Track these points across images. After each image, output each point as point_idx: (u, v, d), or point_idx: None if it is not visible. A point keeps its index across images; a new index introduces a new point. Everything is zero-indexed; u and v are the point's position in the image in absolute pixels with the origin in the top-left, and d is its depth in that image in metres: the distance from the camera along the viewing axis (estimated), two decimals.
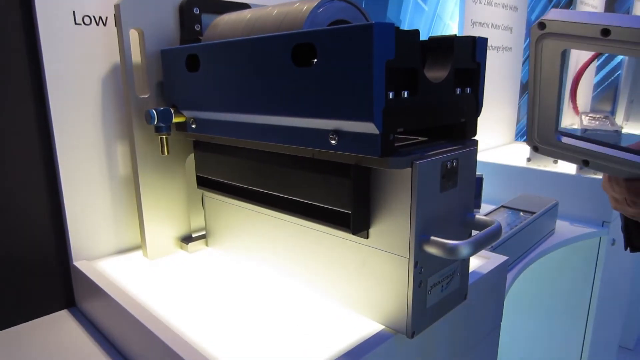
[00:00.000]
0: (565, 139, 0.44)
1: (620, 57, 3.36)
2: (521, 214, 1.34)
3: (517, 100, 2.31)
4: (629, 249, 0.65)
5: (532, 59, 0.44)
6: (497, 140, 2.08)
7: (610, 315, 1.74)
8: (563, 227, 1.42)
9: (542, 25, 0.41)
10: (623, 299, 1.87)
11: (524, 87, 2.41)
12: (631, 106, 2.35)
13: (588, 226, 1.43)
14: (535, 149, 0.46)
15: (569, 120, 2.89)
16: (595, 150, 0.42)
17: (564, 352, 1.63)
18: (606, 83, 3.51)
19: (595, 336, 1.59)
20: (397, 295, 0.52)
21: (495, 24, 1.91)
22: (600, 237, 1.43)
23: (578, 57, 2.89)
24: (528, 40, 2.43)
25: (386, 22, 0.43)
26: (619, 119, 2.40)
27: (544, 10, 2.54)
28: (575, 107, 2.82)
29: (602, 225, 1.43)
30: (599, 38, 0.37)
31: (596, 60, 3.00)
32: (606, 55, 3.25)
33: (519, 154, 1.99)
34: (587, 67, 2.78)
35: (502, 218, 1.30)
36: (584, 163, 0.43)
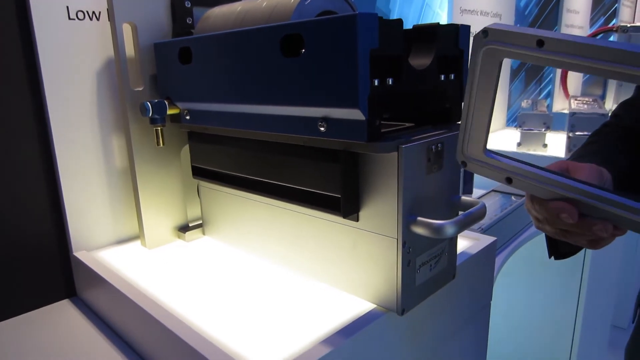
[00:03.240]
0: (492, 157, 0.46)
1: None
2: (512, 197, 1.37)
3: (507, 86, 2.33)
4: (553, 257, 0.65)
5: (472, 70, 0.44)
6: None
7: (602, 294, 1.78)
8: None
9: (485, 33, 0.43)
10: (614, 278, 1.90)
11: (514, 73, 2.43)
12: (620, 90, 2.37)
13: None
14: (463, 164, 0.48)
15: (560, 105, 2.91)
16: (520, 167, 0.45)
17: (557, 332, 1.66)
18: None
19: (587, 315, 1.63)
20: (387, 275, 0.55)
21: (484, 11, 1.92)
22: None
23: None
24: (517, 26, 2.44)
25: (369, 13, 0.44)
26: (609, 102, 2.43)
27: None
28: (565, 91, 2.84)
29: None
30: (535, 48, 0.40)
31: None
32: None
33: (509, 139, 2.01)
34: None
35: (493, 201, 1.32)
36: (508, 180, 0.45)
